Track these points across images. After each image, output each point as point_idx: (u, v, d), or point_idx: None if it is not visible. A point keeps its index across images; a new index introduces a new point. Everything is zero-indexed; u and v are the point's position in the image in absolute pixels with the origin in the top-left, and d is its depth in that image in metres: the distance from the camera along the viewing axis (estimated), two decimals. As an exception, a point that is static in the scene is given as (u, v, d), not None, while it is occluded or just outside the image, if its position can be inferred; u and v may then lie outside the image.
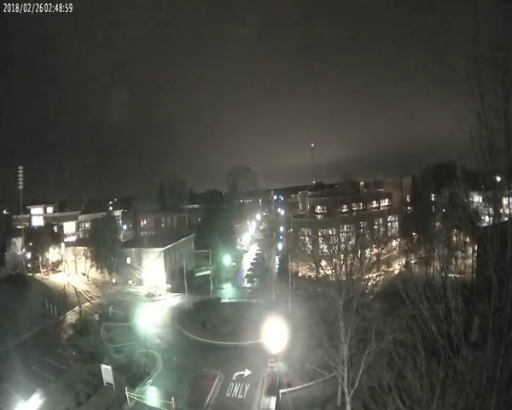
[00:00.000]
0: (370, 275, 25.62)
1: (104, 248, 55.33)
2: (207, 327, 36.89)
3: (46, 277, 59.05)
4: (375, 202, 72.89)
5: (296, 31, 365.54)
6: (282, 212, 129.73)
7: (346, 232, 33.52)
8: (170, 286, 53.63)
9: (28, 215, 75.85)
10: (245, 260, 75.56)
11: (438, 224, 50.63)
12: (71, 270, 60.60)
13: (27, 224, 72.42)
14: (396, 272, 50.82)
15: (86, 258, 58.48)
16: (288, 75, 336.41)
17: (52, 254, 63.75)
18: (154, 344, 33.74)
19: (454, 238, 47.67)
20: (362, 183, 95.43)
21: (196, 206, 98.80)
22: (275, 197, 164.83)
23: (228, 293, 53.00)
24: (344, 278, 23.17)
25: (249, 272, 62.89)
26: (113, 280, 56.20)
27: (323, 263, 30.37)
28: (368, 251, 26.56)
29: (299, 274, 54.43)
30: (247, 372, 27.85)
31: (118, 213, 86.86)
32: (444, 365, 10.88)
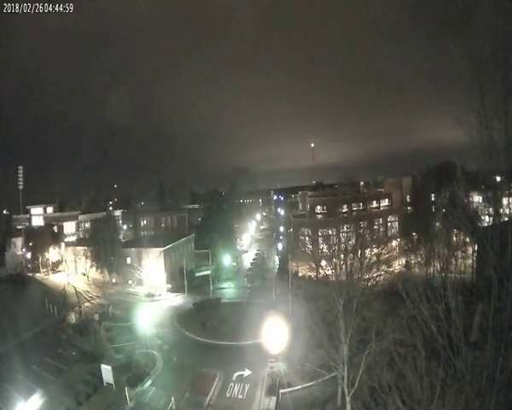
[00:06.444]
0: (370, 275, 25.61)
1: (104, 248, 55.43)
2: (207, 327, 36.90)
3: (46, 277, 59.01)
4: (375, 202, 72.85)
5: (296, 29, 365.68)
6: (282, 212, 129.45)
7: (346, 232, 33.42)
8: (170, 286, 53.61)
9: (28, 215, 75.80)
10: (245, 260, 75.49)
11: (438, 224, 50.60)
12: (71, 270, 60.57)
13: (27, 224, 72.33)
14: (396, 272, 50.80)
15: (86, 258, 58.54)
16: (289, 75, 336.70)
17: (52, 254, 63.74)
18: (154, 344, 33.73)
19: (454, 238, 47.66)
20: (362, 183, 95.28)
21: (196, 206, 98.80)
22: (275, 197, 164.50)
23: (228, 293, 52.97)
24: (344, 278, 23.18)
25: (249, 272, 62.78)
26: (113, 280, 56.25)
27: (323, 263, 30.37)
28: (368, 251, 26.58)
29: (299, 274, 54.43)
30: (247, 372, 27.87)
31: (118, 213, 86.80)
32: (444, 365, 10.88)
